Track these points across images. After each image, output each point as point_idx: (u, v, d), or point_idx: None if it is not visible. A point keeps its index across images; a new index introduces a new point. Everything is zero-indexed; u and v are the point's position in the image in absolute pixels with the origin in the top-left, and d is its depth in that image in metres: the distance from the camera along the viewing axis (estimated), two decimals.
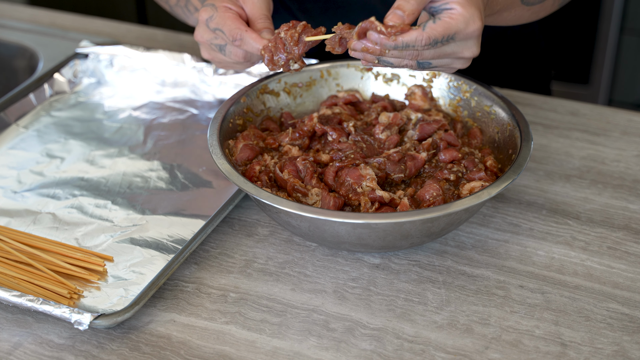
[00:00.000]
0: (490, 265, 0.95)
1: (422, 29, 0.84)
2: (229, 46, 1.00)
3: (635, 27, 2.43)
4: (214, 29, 1.00)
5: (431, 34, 0.84)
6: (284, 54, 0.97)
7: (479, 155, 1.01)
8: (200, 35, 1.02)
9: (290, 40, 0.96)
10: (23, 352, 0.85)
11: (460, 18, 0.85)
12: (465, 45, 0.87)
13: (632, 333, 0.87)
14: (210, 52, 1.04)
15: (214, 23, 1.00)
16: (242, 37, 0.98)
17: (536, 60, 1.38)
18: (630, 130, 1.18)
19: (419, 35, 0.84)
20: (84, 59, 1.30)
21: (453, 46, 0.87)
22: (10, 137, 1.17)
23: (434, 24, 0.84)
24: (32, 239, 0.96)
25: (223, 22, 0.99)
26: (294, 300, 0.91)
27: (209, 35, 1.01)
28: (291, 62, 0.97)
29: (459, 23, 0.85)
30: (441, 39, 0.85)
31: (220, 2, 1.01)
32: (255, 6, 1.02)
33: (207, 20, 1.01)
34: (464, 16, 0.85)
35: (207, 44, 1.03)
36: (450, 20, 0.84)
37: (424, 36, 0.84)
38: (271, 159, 1.00)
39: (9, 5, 1.56)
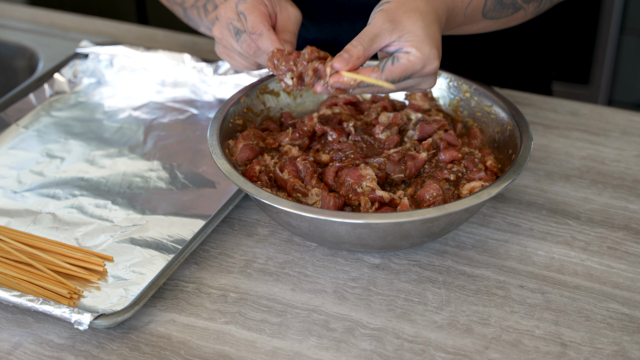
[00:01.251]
0: (490, 265, 0.95)
1: (381, 71, 0.88)
2: (245, 35, 0.98)
3: (635, 27, 2.43)
4: (240, 12, 0.98)
5: (388, 75, 0.89)
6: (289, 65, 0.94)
7: (479, 155, 1.01)
8: (224, 11, 1.00)
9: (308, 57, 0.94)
10: (23, 352, 0.85)
11: (418, 61, 0.88)
12: (423, 80, 0.92)
13: (632, 333, 0.87)
14: (224, 31, 1.01)
15: (243, 7, 0.98)
16: (262, 33, 0.96)
17: (536, 60, 1.38)
18: (630, 130, 1.18)
19: (378, 76, 0.88)
20: (84, 59, 1.30)
21: (410, 81, 0.91)
22: (10, 137, 1.17)
23: (392, 66, 0.88)
24: (32, 239, 0.96)
25: (251, 10, 0.97)
26: (294, 300, 0.91)
27: (232, 14, 0.99)
28: (288, 75, 0.95)
29: (416, 65, 0.88)
30: (398, 80, 0.89)
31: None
32: (289, 19, 1.01)
33: (239, 1, 0.98)
34: (421, 59, 0.88)
35: (226, 22, 1.00)
36: (408, 63, 0.88)
37: (382, 77, 0.88)
38: (271, 159, 1.00)
39: (9, 5, 1.56)
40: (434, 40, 0.89)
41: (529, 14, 1.07)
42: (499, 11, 1.03)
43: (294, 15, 1.02)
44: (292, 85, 0.95)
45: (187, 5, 1.16)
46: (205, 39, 1.41)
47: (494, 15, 1.03)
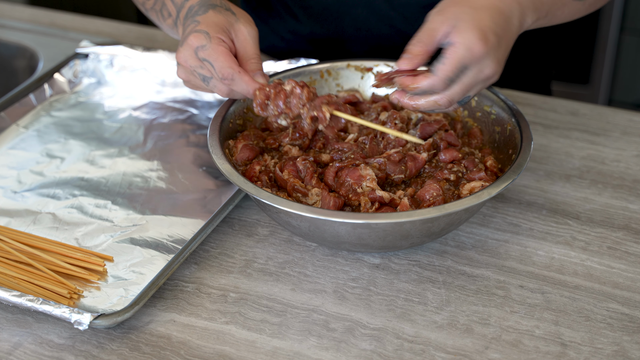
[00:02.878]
0: (490, 265, 0.95)
1: (435, 73, 0.89)
2: (214, 80, 0.97)
3: (635, 27, 2.43)
4: (203, 59, 0.96)
5: (443, 74, 0.89)
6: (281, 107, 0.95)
7: (479, 155, 1.01)
8: (184, 60, 0.98)
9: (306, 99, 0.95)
10: (23, 352, 0.85)
11: (461, 47, 0.88)
12: (480, 66, 0.90)
13: (632, 333, 0.87)
14: (189, 76, 1.00)
15: (205, 54, 0.96)
16: (234, 78, 0.95)
17: (536, 60, 1.38)
18: (630, 130, 1.18)
19: (434, 80, 0.89)
20: (84, 59, 1.30)
21: (470, 73, 0.90)
22: (10, 137, 1.17)
23: (443, 65, 0.89)
24: (32, 239, 0.96)
25: (215, 56, 0.95)
26: (294, 300, 0.91)
27: (195, 62, 0.97)
28: (282, 117, 0.96)
29: (460, 52, 0.88)
30: (454, 74, 0.89)
31: (213, 32, 0.97)
32: (247, 43, 0.99)
33: (198, 48, 0.96)
34: (463, 44, 0.88)
35: (190, 69, 0.98)
36: (453, 55, 0.88)
37: (439, 78, 0.89)
38: (271, 159, 1.00)
39: (9, 5, 1.56)
40: (478, 22, 0.89)
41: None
42: None
43: (251, 35, 1.00)
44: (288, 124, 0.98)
45: (147, 7, 1.15)
46: None
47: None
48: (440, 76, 0.89)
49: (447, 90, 0.90)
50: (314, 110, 0.95)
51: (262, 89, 0.96)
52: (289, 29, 1.31)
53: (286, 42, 1.32)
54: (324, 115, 0.95)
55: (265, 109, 0.96)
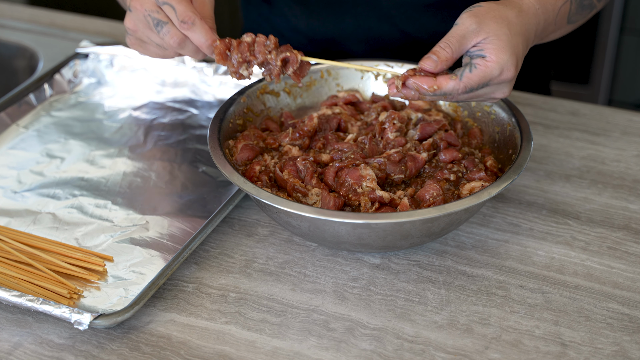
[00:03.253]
0: (490, 265, 0.95)
1: (459, 79, 0.89)
2: (170, 26, 0.94)
3: (635, 27, 2.43)
4: (163, 3, 0.93)
5: (467, 83, 0.90)
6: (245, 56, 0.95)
7: (479, 155, 1.01)
8: (139, 3, 0.95)
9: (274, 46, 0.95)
10: (23, 352, 0.85)
11: (496, 66, 0.89)
12: (498, 88, 0.92)
13: (632, 333, 0.87)
14: (138, 24, 0.96)
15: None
16: (195, 23, 0.93)
17: (536, 60, 1.38)
18: (630, 130, 1.18)
19: (456, 85, 0.90)
20: (84, 59, 1.30)
21: (486, 89, 0.92)
22: (10, 137, 1.17)
23: (471, 74, 0.89)
24: (32, 239, 0.96)
25: (178, 0, 0.93)
26: (294, 300, 0.91)
27: (151, 5, 0.94)
28: (244, 67, 0.95)
29: (494, 71, 0.89)
30: (477, 87, 0.90)
31: None
32: (205, 5, 0.97)
33: None
34: (499, 64, 0.89)
35: (142, 15, 0.95)
36: (486, 70, 0.89)
37: (461, 86, 0.90)
38: (271, 159, 1.00)
39: (9, 5, 1.56)
40: (515, 49, 0.90)
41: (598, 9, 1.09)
42: (580, 14, 1.05)
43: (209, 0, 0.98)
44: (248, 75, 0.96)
45: None
46: None
47: (575, 18, 1.05)
48: (464, 83, 0.89)
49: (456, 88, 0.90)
50: (284, 52, 0.95)
51: (222, 40, 0.95)
52: (290, 26, 1.31)
53: (287, 40, 1.32)
54: (295, 56, 0.95)
55: (226, 59, 0.95)
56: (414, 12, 1.22)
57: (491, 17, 0.91)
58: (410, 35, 1.25)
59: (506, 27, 0.90)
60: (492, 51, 0.89)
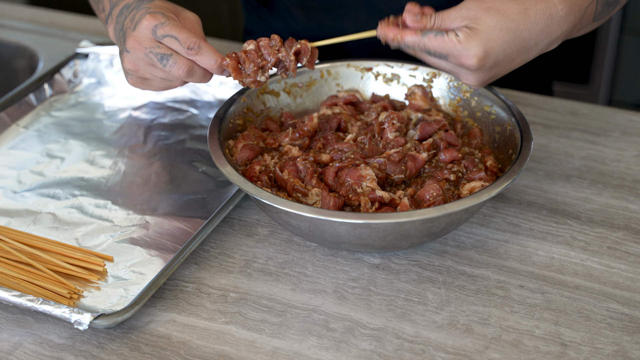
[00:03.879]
0: (490, 265, 0.95)
1: (422, 37, 0.93)
2: (175, 57, 0.94)
3: (635, 27, 2.43)
4: (163, 36, 0.94)
5: (426, 43, 0.93)
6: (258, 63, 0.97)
7: (479, 155, 1.01)
8: (137, 43, 0.95)
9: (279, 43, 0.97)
10: (23, 352, 0.85)
11: (458, 46, 0.92)
12: (460, 70, 0.95)
13: (632, 333, 0.87)
14: (139, 63, 0.96)
15: (165, 30, 0.94)
16: (201, 47, 0.94)
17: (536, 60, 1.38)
18: (630, 130, 1.18)
19: (416, 40, 0.93)
20: (84, 59, 1.30)
21: (447, 65, 0.94)
22: (10, 137, 1.17)
23: (434, 37, 0.93)
24: (32, 239, 0.96)
25: (178, 29, 0.94)
26: (294, 300, 0.91)
27: (151, 42, 0.95)
28: (260, 73, 0.97)
29: (453, 49, 0.92)
30: (434, 53, 0.93)
31: (167, 12, 0.96)
32: (195, 27, 0.98)
33: (156, 26, 0.94)
34: (461, 47, 0.91)
35: (143, 53, 0.95)
36: (446, 43, 0.92)
37: (420, 44, 0.93)
38: (271, 159, 1.00)
39: (9, 5, 1.56)
40: (491, 43, 0.91)
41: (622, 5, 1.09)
42: (606, 11, 1.04)
43: (196, 20, 1.00)
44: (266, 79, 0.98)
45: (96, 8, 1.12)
46: None
47: (601, 17, 1.04)
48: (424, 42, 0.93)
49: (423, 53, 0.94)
50: (294, 45, 0.98)
51: (230, 55, 0.96)
52: (289, 29, 1.31)
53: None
54: (306, 46, 0.98)
55: (241, 73, 0.97)
56: None
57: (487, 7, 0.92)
58: None
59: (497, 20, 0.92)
60: (465, 34, 0.91)
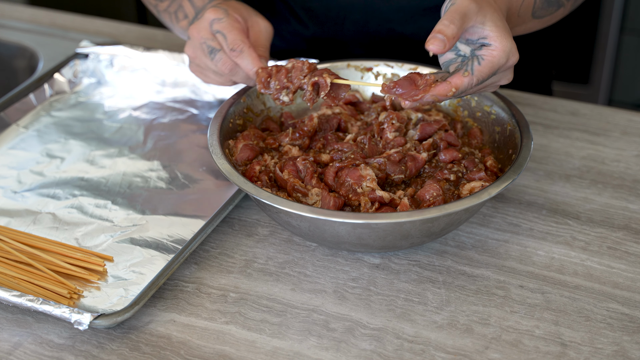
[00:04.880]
0: (490, 265, 0.95)
1: (472, 74, 0.87)
2: (222, 54, 1.00)
3: (635, 27, 2.43)
4: (216, 31, 0.99)
5: (479, 76, 0.88)
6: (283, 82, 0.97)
7: (479, 155, 1.01)
8: (197, 31, 1.01)
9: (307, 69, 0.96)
10: (23, 352, 0.85)
11: (502, 54, 0.88)
12: (504, 75, 0.92)
13: (632, 333, 0.87)
14: (197, 51, 1.02)
15: (220, 26, 0.99)
16: (243, 50, 0.98)
17: (536, 60, 1.38)
18: (630, 130, 1.18)
19: (470, 81, 0.88)
20: (84, 59, 1.30)
21: (494, 78, 0.91)
22: (10, 137, 1.17)
23: (480, 66, 0.88)
24: (32, 239, 0.96)
25: (230, 28, 0.99)
26: (294, 300, 0.91)
27: (206, 34, 1.00)
28: (284, 93, 0.98)
29: (501, 59, 0.88)
30: (487, 78, 0.89)
31: (232, 10, 1.00)
32: (261, 34, 1.02)
33: (214, 20, 1.00)
34: (505, 52, 0.88)
35: (199, 42, 1.01)
36: (493, 59, 0.88)
37: (474, 80, 0.88)
38: (271, 159, 1.00)
39: (9, 5, 1.56)
40: (510, 32, 0.89)
41: (567, 10, 1.09)
42: (546, 9, 1.04)
43: (266, 30, 1.04)
44: (289, 101, 0.98)
45: (160, 9, 1.18)
46: None
47: (541, 14, 1.04)
48: (477, 77, 0.87)
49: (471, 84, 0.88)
50: (315, 76, 0.96)
51: (265, 67, 0.99)
52: (290, 30, 1.31)
53: (287, 42, 1.32)
54: (325, 81, 0.96)
55: (267, 87, 0.98)
56: (413, 16, 1.22)
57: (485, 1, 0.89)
58: (410, 38, 1.25)
59: (499, 12, 0.90)
60: (496, 39, 0.87)
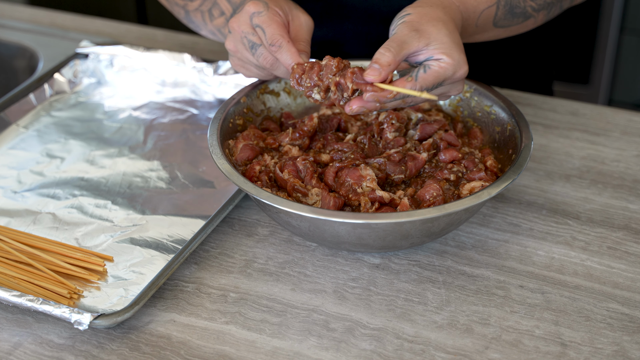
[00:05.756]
0: (490, 265, 0.95)
1: (415, 80, 0.89)
2: (262, 48, 0.98)
3: (635, 27, 2.43)
4: (256, 25, 0.98)
5: (422, 83, 0.89)
6: (315, 79, 0.94)
7: (479, 155, 1.01)
8: (237, 24, 0.99)
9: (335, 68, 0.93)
10: (23, 352, 0.85)
11: (449, 67, 0.89)
12: (453, 87, 0.93)
13: (632, 333, 0.87)
14: (238, 45, 1.01)
15: (259, 20, 0.97)
16: (282, 45, 0.96)
17: (536, 60, 1.38)
18: (630, 130, 1.18)
19: (413, 86, 0.89)
20: (84, 59, 1.30)
21: (441, 89, 0.92)
22: (10, 137, 1.17)
23: (425, 74, 0.89)
24: (32, 239, 0.96)
25: (269, 22, 0.97)
26: (294, 300, 0.91)
27: (247, 27, 0.99)
28: (315, 90, 0.94)
29: (448, 71, 0.90)
30: (431, 87, 0.90)
31: (273, 4, 0.99)
32: (302, 28, 1.01)
33: (254, 14, 0.98)
34: (452, 64, 0.89)
35: (240, 36, 1.00)
36: (439, 70, 0.89)
37: (417, 86, 0.89)
38: (271, 159, 1.00)
39: (9, 5, 1.56)
40: (460, 46, 0.91)
41: (539, 21, 1.08)
42: (510, 20, 1.04)
43: (306, 24, 1.02)
44: (321, 99, 0.95)
45: (190, 8, 1.16)
46: (206, 39, 1.41)
47: (504, 24, 1.04)
48: (420, 83, 0.88)
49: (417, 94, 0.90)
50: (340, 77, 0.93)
51: (300, 63, 0.96)
52: None
53: None
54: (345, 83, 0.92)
55: (300, 83, 0.96)
56: None
57: (426, 22, 0.90)
58: None
59: (444, 28, 0.90)
60: (443, 54, 0.89)
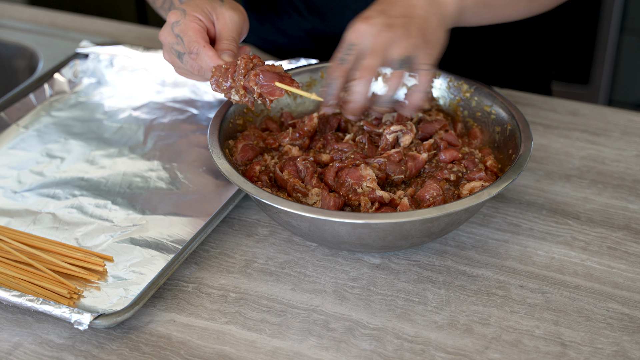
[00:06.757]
0: (490, 265, 0.95)
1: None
2: (187, 56, 0.99)
3: (635, 27, 2.43)
4: (177, 35, 0.99)
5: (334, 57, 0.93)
6: (229, 81, 0.95)
7: (479, 155, 1.01)
8: (164, 36, 1.01)
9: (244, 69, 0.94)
10: (23, 352, 0.85)
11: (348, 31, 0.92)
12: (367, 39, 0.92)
13: (632, 333, 0.87)
14: (171, 55, 1.02)
15: (178, 29, 0.99)
16: (199, 52, 0.97)
17: (536, 60, 1.38)
18: (630, 130, 1.18)
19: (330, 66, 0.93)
20: (84, 59, 1.30)
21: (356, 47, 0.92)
22: (10, 137, 1.17)
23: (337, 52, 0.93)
24: (32, 239, 0.96)
25: (185, 31, 0.98)
26: (294, 300, 0.91)
27: (171, 38, 1.00)
28: (233, 92, 0.95)
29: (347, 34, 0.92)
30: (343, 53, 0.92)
31: (191, 9, 0.99)
32: (226, 26, 1.01)
33: (173, 24, 0.99)
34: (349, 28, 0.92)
35: (169, 47, 1.01)
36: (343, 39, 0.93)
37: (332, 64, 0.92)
38: (271, 159, 1.00)
39: (9, 5, 1.56)
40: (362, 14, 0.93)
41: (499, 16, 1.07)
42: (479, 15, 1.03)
43: (232, 20, 1.01)
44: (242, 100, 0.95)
45: (157, 5, 1.18)
46: None
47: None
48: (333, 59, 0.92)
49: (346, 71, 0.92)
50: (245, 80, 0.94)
51: (219, 66, 0.96)
52: (291, 24, 1.31)
53: (289, 38, 1.33)
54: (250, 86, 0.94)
55: (219, 86, 0.96)
56: None
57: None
58: None
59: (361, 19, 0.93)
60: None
